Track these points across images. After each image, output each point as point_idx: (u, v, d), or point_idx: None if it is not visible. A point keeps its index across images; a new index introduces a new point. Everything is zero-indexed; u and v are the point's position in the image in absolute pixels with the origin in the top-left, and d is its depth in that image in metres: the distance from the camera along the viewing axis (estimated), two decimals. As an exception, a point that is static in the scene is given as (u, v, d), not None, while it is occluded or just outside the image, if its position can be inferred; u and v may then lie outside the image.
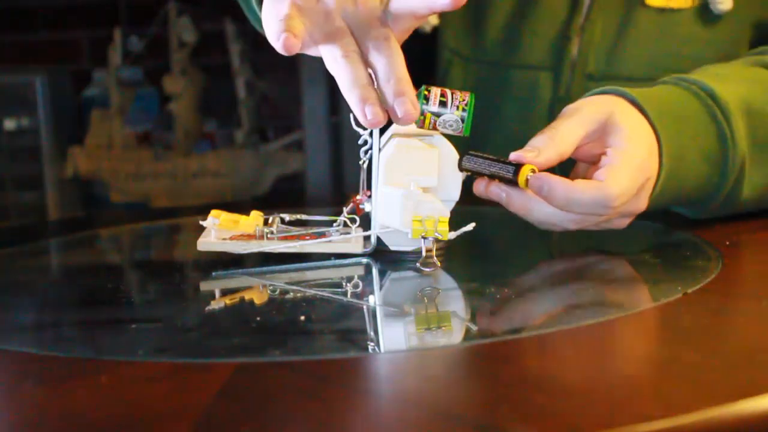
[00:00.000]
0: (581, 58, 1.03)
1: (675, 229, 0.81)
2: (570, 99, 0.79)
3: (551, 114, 1.04)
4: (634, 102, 0.74)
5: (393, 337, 0.57)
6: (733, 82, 0.81)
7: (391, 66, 0.66)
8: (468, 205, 0.74)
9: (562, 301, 0.62)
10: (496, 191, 0.71)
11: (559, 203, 0.68)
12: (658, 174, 0.73)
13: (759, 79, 0.83)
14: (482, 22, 1.09)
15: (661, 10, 0.99)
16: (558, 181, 0.69)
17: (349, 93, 0.66)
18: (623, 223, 0.74)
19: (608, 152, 0.71)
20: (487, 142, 1.10)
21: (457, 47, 1.12)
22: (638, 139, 0.72)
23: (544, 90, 1.06)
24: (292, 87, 2.41)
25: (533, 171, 0.68)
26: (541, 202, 0.69)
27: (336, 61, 0.67)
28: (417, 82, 0.71)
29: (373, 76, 0.67)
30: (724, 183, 0.77)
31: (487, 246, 0.83)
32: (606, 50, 1.02)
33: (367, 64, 0.67)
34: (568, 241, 0.84)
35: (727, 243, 0.73)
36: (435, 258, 0.67)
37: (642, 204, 0.73)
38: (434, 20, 1.12)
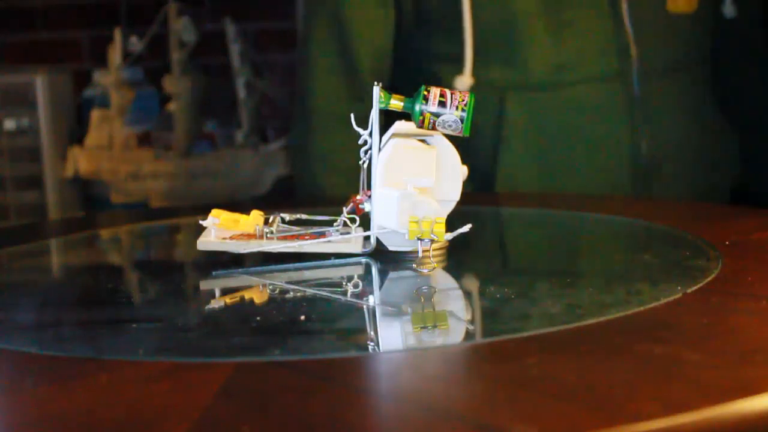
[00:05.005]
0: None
1: (675, 229, 0.81)
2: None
3: (631, 115, 1.13)
4: None
5: (392, 337, 0.57)
6: None
7: None
8: (469, 206, 0.74)
9: (563, 301, 0.62)
10: None
11: None
12: None
13: None
14: (520, 54, 1.14)
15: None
16: None
17: None
18: None
19: None
20: (562, 174, 1.16)
21: (503, 82, 1.16)
22: None
23: (613, 95, 1.14)
24: (292, 87, 2.41)
25: None
26: None
27: None
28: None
29: None
30: None
31: (487, 246, 0.83)
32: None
33: None
34: (567, 241, 0.84)
35: (727, 243, 0.73)
36: (432, 259, 0.67)
37: None
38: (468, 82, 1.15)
